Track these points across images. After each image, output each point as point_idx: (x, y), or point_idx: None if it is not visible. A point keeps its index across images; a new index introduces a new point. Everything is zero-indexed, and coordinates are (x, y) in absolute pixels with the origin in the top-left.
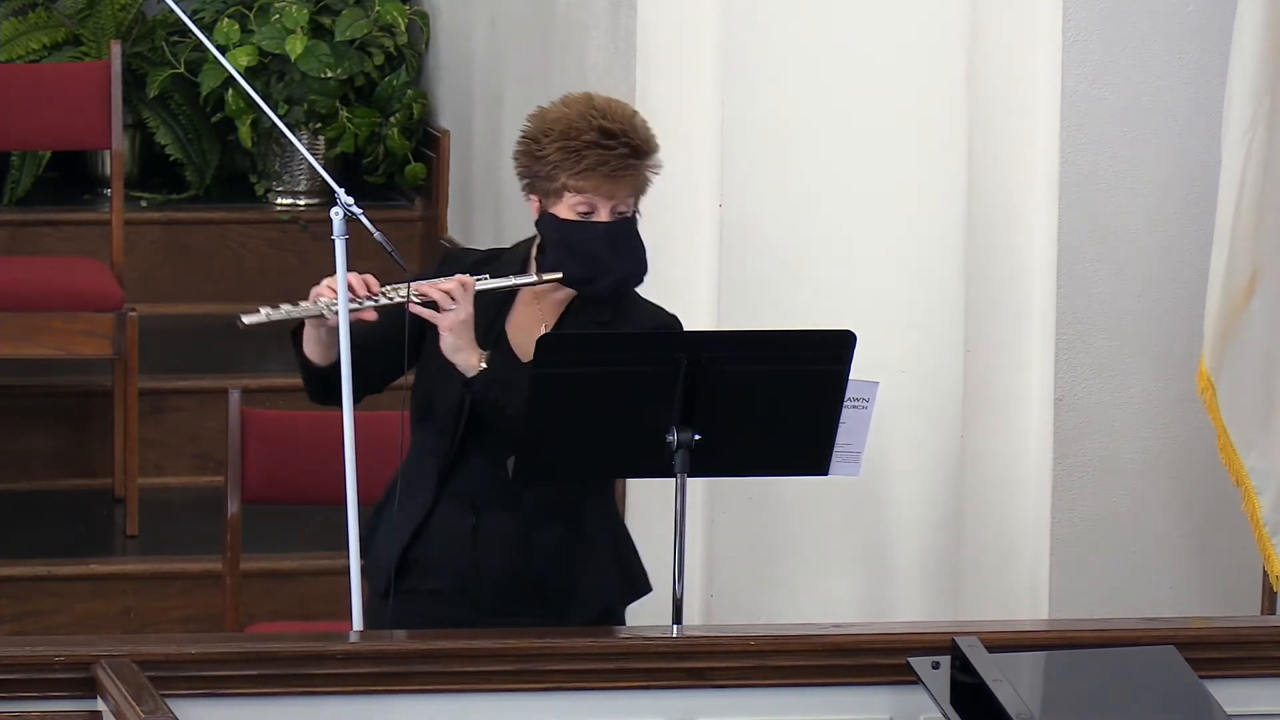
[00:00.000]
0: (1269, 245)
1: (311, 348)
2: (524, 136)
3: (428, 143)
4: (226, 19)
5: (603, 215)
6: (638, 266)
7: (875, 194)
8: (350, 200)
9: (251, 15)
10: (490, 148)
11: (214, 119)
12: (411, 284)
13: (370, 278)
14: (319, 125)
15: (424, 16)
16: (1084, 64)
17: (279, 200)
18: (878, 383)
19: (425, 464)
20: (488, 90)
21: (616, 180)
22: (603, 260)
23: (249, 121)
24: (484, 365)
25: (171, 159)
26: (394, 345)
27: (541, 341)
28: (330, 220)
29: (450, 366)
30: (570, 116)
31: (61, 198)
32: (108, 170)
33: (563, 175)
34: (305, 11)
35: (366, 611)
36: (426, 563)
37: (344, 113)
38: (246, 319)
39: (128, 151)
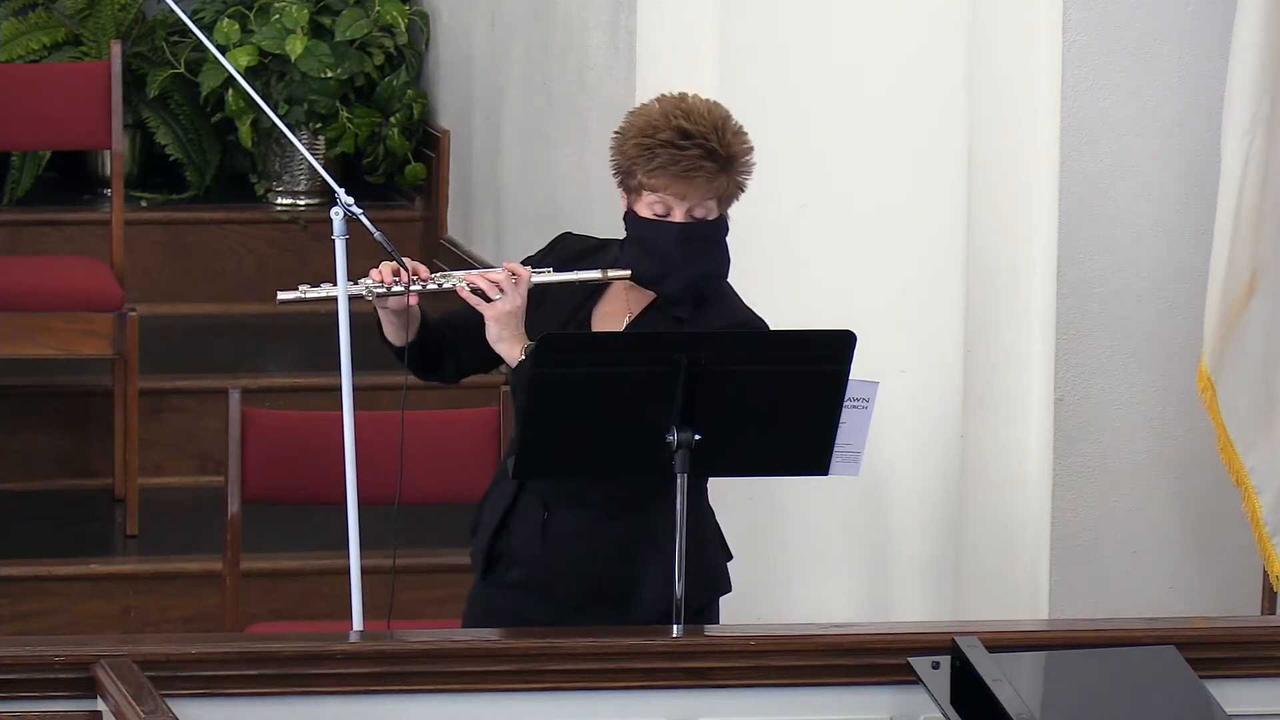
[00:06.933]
0: (1269, 245)
1: (387, 329)
2: (615, 131)
3: (428, 143)
4: (226, 19)
5: (677, 216)
6: (712, 271)
7: (875, 194)
8: (350, 200)
9: (251, 15)
10: (490, 148)
11: (214, 119)
12: (462, 272)
13: (421, 266)
14: (319, 125)
15: (424, 16)
16: (1084, 64)
17: (279, 200)
18: (878, 383)
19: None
20: (488, 90)
21: (688, 181)
22: (673, 261)
23: (249, 121)
24: (524, 357)
25: (171, 159)
26: (478, 331)
27: (542, 341)
28: (330, 220)
29: None
30: (653, 114)
31: (61, 198)
32: (108, 170)
33: (639, 172)
34: (305, 11)
35: (471, 594)
36: (509, 556)
37: (344, 113)
38: (283, 295)
39: (128, 151)
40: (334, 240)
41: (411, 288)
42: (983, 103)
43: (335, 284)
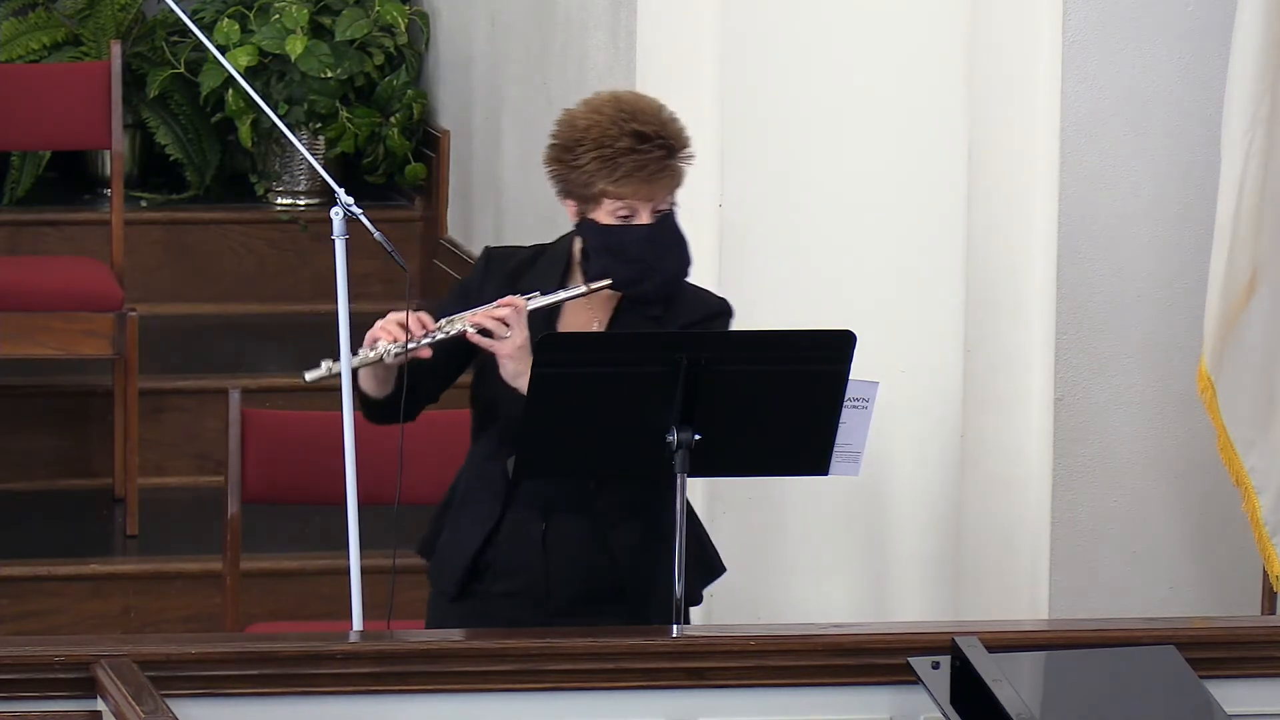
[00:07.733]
0: (1269, 245)
1: (366, 381)
2: (555, 144)
3: (428, 143)
4: (226, 19)
5: (643, 217)
6: (682, 261)
7: (875, 194)
8: (350, 200)
9: (251, 15)
10: (490, 148)
11: (214, 119)
12: (466, 314)
13: (425, 316)
14: (319, 125)
15: (424, 16)
16: (1084, 64)
17: (279, 200)
18: (878, 383)
19: (490, 470)
20: (488, 90)
21: (654, 182)
22: (647, 262)
23: (249, 121)
24: None
25: (171, 159)
26: (445, 365)
27: (541, 341)
28: (330, 220)
29: None
30: (603, 123)
31: (61, 198)
32: (108, 170)
33: (600, 183)
34: (305, 11)
35: (431, 613)
36: (498, 567)
37: (344, 113)
38: (310, 375)
39: (128, 151)
40: (334, 240)
41: (423, 341)
42: (983, 102)
43: (355, 354)
